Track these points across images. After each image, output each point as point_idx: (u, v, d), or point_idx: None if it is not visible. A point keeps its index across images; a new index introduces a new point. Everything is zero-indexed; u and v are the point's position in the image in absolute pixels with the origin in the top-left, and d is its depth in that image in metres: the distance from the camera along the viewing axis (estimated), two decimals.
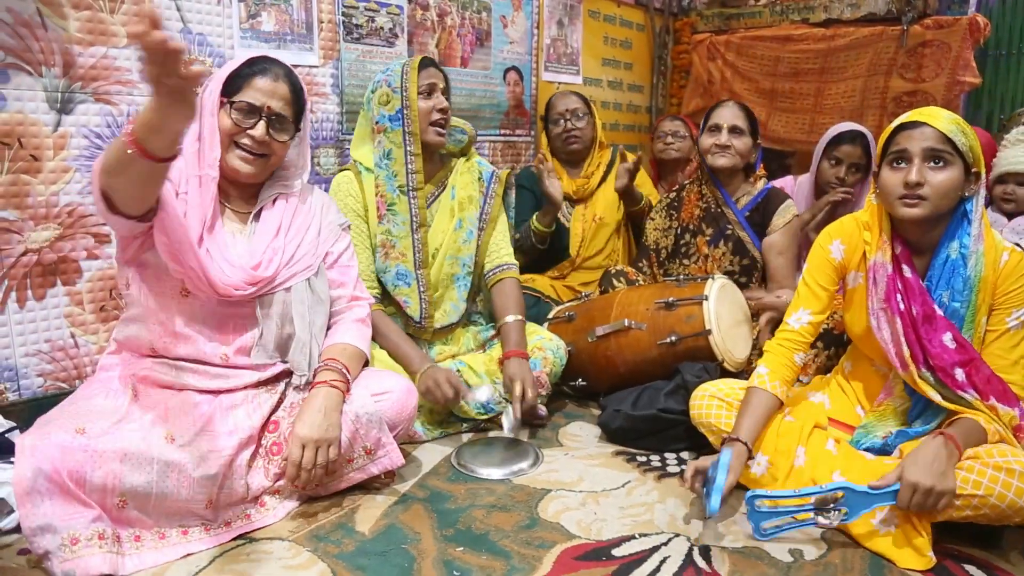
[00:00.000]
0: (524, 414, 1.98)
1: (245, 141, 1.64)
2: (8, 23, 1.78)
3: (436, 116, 2.12)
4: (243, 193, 1.74)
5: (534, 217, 2.74)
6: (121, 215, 1.45)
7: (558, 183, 2.69)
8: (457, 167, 2.26)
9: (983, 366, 1.55)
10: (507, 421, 1.98)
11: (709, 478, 1.57)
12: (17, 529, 1.47)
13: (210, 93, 1.63)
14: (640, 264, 2.61)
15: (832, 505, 1.48)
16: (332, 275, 1.82)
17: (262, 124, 1.64)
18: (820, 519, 1.50)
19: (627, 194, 2.77)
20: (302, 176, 1.81)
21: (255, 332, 1.67)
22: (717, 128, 2.40)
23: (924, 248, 1.63)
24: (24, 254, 1.86)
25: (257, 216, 1.73)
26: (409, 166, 2.11)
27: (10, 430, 1.72)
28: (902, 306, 1.59)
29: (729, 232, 2.38)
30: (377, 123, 2.13)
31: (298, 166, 1.80)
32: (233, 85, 1.63)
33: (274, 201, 1.75)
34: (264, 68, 1.66)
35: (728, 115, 2.41)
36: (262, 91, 1.64)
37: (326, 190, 2.16)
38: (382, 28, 2.66)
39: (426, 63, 2.14)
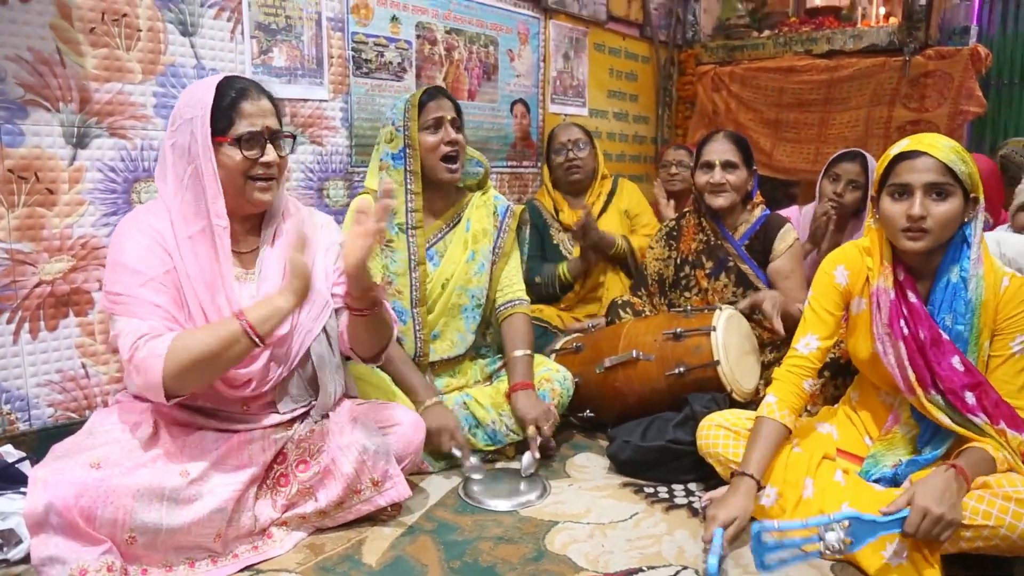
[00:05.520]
0: (543, 455, 1.97)
1: (259, 171, 1.59)
2: (28, 61, 1.82)
3: (445, 150, 2.10)
4: (245, 227, 1.68)
5: (564, 266, 2.78)
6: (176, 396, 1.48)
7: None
8: (473, 200, 2.26)
9: (991, 390, 1.55)
10: (525, 461, 1.97)
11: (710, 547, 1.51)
12: (26, 559, 1.47)
13: (193, 137, 1.54)
14: (639, 292, 2.59)
15: (837, 534, 1.46)
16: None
17: (270, 148, 1.60)
18: (825, 550, 1.48)
19: (598, 247, 2.77)
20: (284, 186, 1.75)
21: (272, 381, 1.65)
22: (709, 165, 2.34)
23: (925, 273, 1.64)
24: (38, 285, 1.89)
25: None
26: (409, 204, 2.12)
27: (20, 460, 1.73)
28: (907, 331, 1.59)
29: (731, 265, 2.37)
30: (381, 160, 2.15)
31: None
32: (221, 122, 1.55)
33: (273, 237, 1.70)
34: (241, 90, 1.58)
35: (720, 150, 2.34)
36: (253, 115, 1.57)
37: (338, 222, 2.17)
38: (391, 63, 2.71)
39: (431, 95, 2.12)
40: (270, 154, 1.60)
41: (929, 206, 1.54)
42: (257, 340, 1.46)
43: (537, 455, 1.97)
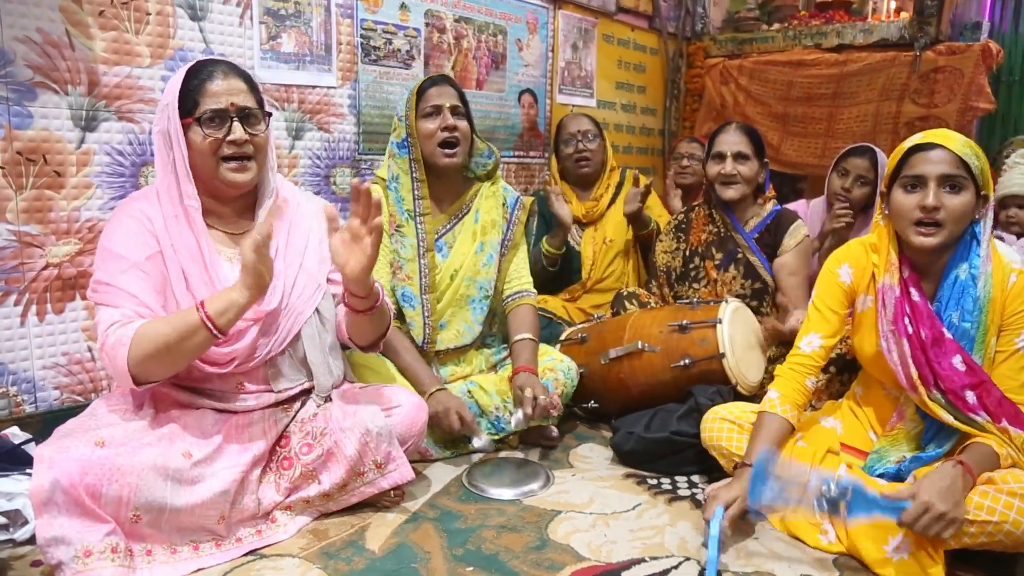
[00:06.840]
0: (535, 415, 1.95)
1: (228, 150, 1.58)
2: (38, 43, 1.82)
3: (441, 136, 2.08)
4: (237, 208, 1.69)
5: (544, 240, 2.76)
6: (148, 383, 1.51)
7: (566, 205, 2.72)
8: (482, 191, 2.25)
9: (994, 388, 1.54)
10: (516, 417, 1.97)
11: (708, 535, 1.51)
12: (31, 540, 1.48)
13: (169, 121, 1.56)
14: (651, 286, 2.61)
15: (838, 492, 1.45)
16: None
17: (236, 125, 1.58)
18: (819, 507, 1.46)
19: (636, 219, 2.77)
20: (275, 168, 1.75)
21: (259, 359, 1.65)
22: (721, 156, 2.35)
23: (931, 271, 1.63)
24: (45, 268, 1.89)
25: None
26: (415, 192, 2.12)
27: (26, 442, 1.74)
28: (910, 329, 1.59)
29: (739, 256, 2.37)
30: (389, 148, 2.16)
31: (271, 158, 1.73)
32: (187, 104, 1.56)
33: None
34: (209, 71, 1.58)
35: (731, 141, 2.35)
36: (218, 93, 1.56)
37: (342, 210, 2.18)
38: (399, 50, 2.71)
39: (433, 82, 2.12)
40: (236, 132, 1.58)
41: (943, 198, 1.53)
42: (216, 331, 1.46)
43: (529, 410, 1.93)
